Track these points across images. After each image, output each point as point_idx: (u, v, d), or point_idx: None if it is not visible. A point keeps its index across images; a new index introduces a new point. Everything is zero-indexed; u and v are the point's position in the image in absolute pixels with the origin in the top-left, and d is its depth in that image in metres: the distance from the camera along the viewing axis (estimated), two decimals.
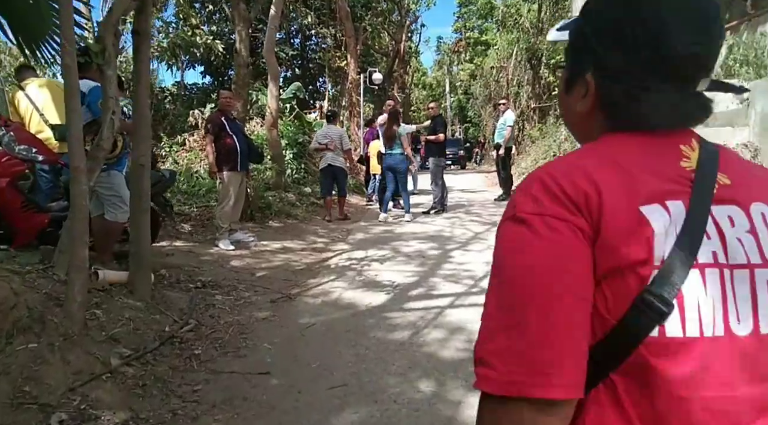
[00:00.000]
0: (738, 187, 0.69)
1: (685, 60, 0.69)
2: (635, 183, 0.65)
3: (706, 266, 0.63)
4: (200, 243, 6.20)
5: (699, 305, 0.62)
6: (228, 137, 5.92)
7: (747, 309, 0.64)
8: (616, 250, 0.62)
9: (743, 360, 0.63)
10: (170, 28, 13.59)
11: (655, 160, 0.68)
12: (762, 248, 0.66)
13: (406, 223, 8.35)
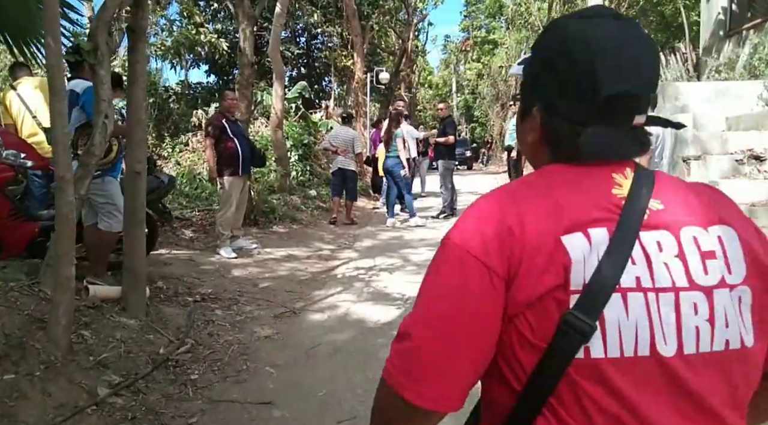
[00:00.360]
0: (670, 212, 0.72)
1: (617, 100, 0.73)
2: (563, 213, 0.69)
3: (629, 290, 0.67)
4: (201, 251, 5.94)
5: (620, 327, 0.66)
6: (229, 141, 5.65)
7: (672, 331, 0.67)
8: (537, 279, 0.66)
9: (668, 378, 0.67)
10: (174, 27, 13.36)
11: (587, 190, 0.73)
12: (689, 272, 0.69)
13: (414, 228, 8.07)
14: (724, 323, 0.69)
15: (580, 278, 0.66)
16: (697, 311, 0.68)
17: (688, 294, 0.68)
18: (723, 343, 0.69)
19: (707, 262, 0.70)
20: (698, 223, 0.72)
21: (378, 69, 18.40)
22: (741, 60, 7.95)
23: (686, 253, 0.70)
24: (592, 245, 0.67)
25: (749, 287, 0.71)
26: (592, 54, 0.73)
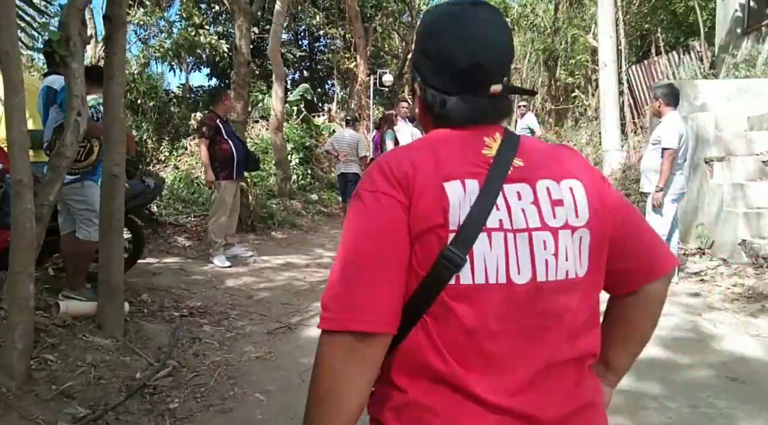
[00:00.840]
0: (529, 168, 0.87)
1: (471, 71, 0.87)
2: (443, 165, 0.83)
3: (493, 230, 0.81)
4: (194, 259, 5.60)
5: (485, 260, 0.80)
6: (223, 142, 5.32)
7: (527, 263, 0.82)
8: (423, 217, 0.79)
9: (520, 301, 0.81)
10: (173, 28, 13.08)
11: (462, 148, 0.87)
12: (542, 216, 0.84)
13: None
14: (564, 256, 0.84)
15: (456, 219, 0.79)
16: (546, 247, 0.83)
17: (539, 233, 0.83)
18: (564, 273, 0.83)
19: (556, 208, 0.84)
20: (552, 177, 0.87)
21: (381, 71, 18.07)
22: (762, 57, 7.59)
23: (540, 201, 0.84)
24: (466, 192, 0.81)
25: (589, 230, 0.86)
26: (448, 33, 0.88)
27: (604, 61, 9.48)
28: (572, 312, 0.84)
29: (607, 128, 9.49)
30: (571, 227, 0.84)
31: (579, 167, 0.90)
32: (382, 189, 0.81)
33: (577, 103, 14.47)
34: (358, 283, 0.78)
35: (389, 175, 0.82)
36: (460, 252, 0.78)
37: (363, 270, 0.78)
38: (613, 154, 9.42)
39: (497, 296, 0.80)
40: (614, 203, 0.91)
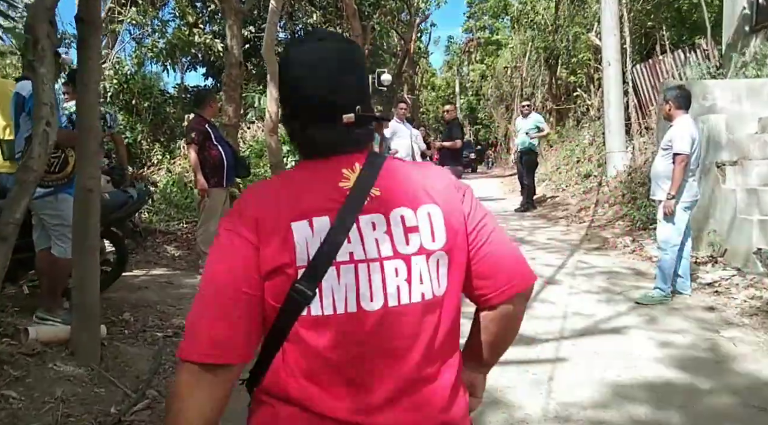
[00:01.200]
0: (385, 198, 0.92)
1: (320, 105, 0.93)
2: (295, 204, 0.88)
3: (342, 263, 0.87)
4: (183, 271, 5.36)
5: (333, 292, 0.86)
6: (213, 148, 5.07)
7: (379, 291, 0.88)
8: (270, 257, 0.85)
9: (374, 326, 0.87)
10: (167, 28, 12.81)
11: (320, 183, 0.91)
12: (395, 244, 0.89)
13: None
14: (419, 280, 0.90)
15: (305, 256, 0.86)
16: (398, 274, 0.90)
17: (391, 262, 0.89)
18: (420, 296, 0.90)
19: (410, 235, 0.91)
20: (408, 205, 0.92)
21: (380, 70, 17.84)
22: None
23: (393, 230, 0.90)
24: (314, 231, 0.87)
25: (446, 252, 0.93)
26: (296, 70, 0.94)
27: (607, 59, 9.25)
28: (432, 330, 0.91)
29: (611, 128, 9.26)
30: (426, 251, 0.91)
31: (440, 190, 0.96)
32: (236, 229, 0.88)
33: (579, 102, 14.23)
34: (206, 317, 0.85)
35: (244, 215, 0.89)
36: (309, 287, 0.85)
37: (211, 306, 0.85)
38: (617, 156, 9.18)
39: (349, 323, 0.86)
40: (475, 223, 0.97)
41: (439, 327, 0.92)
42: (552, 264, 5.80)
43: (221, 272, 0.86)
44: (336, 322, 0.86)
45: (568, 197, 10.02)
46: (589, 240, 7.00)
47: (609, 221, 7.71)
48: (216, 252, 0.88)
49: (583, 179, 10.56)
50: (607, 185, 9.07)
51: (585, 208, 8.74)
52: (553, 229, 7.95)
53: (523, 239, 7.20)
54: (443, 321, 0.92)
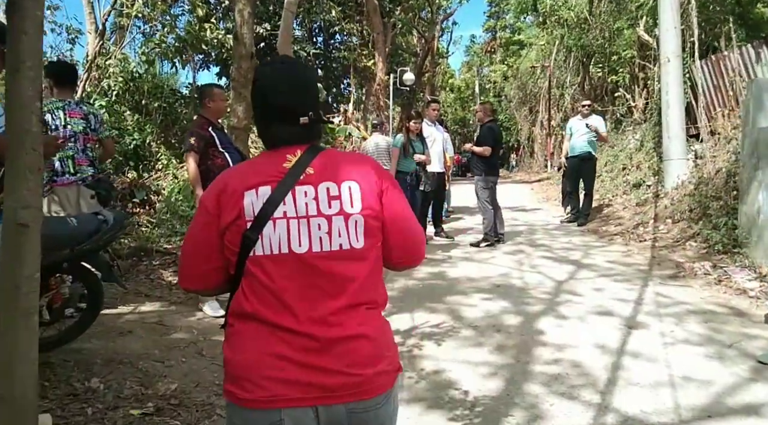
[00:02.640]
0: (317, 175, 1.29)
1: (281, 108, 1.33)
2: (249, 178, 1.28)
3: (277, 218, 1.25)
4: (179, 305, 4.41)
5: (270, 238, 1.24)
6: (217, 156, 4.12)
7: (305, 239, 1.25)
8: (229, 213, 1.25)
9: (301, 264, 1.24)
10: (176, 22, 11.94)
11: (268, 164, 1.31)
12: (319, 207, 1.26)
13: (459, 262, 6.44)
14: (337, 234, 1.26)
15: (251, 213, 1.25)
16: (320, 228, 1.26)
17: (316, 219, 1.26)
18: (338, 245, 1.26)
19: (332, 201, 1.27)
20: (334, 180, 1.29)
21: (402, 69, 16.89)
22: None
23: (319, 197, 1.27)
24: (258, 196, 1.25)
25: (362, 216, 1.28)
26: (264, 83, 1.36)
27: (666, 55, 8.16)
28: (347, 272, 1.27)
29: (670, 133, 8.17)
30: (345, 213, 1.27)
31: (363, 172, 1.32)
32: (204, 201, 1.31)
33: (618, 103, 13.11)
34: (184, 263, 1.38)
35: (211, 191, 1.31)
36: (253, 234, 1.24)
37: (187, 255, 1.36)
38: (678, 164, 8.09)
39: (282, 261, 1.24)
40: (389, 202, 1.34)
41: (359, 274, 1.28)
42: (625, 299, 4.76)
43: (193, 231, 1.35)
44: (272, 260, 1.24)
45: (619, 210, 8.93)
46: (659, 265, 5.94)
47: (676, 241, 6.64)
48: (195, 217, 1.35)
49: (633, 188, 9.47)
50: (666, 197, 7.99)
51: (642, 223, 7.66)
52: (610, 249, 6.88)
53: (580, 263, 6.16)
54: (362, 269, 1.29)
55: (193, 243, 1.34)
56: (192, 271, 1.35)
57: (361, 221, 1.27)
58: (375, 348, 1.28)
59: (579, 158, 8.52)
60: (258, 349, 1.22)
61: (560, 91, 20.15)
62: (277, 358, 1.21)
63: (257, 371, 1.21)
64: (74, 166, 3.95)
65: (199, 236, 1.32)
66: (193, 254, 1.34)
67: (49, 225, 2.95)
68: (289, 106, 1.32)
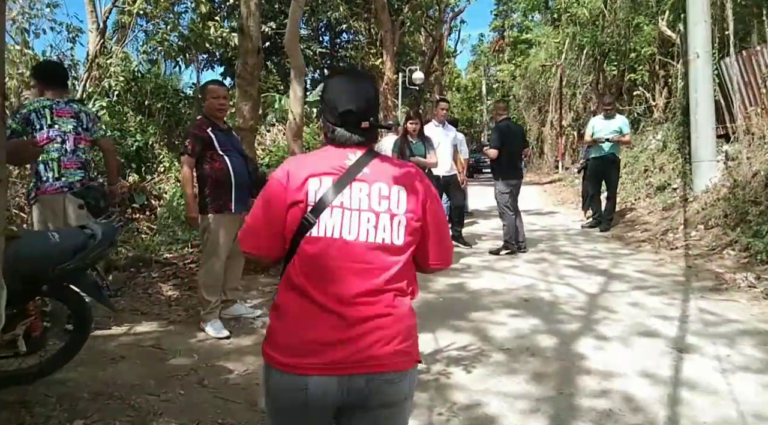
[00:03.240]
0: (371, 175, 1.48)
1: (346, 115, 1.51)
2: (315, 167, 1.47)
3: (334, 207, 1.42)
4: (180, 325, 4.01)
5: (326, 223, 1.42)
6: (216, 161, 3.72)
7: (355, 228, 1.42)
8: (294, 195, 1.43)
9: (349, 250, 1.41)
10: (179, 19, 11.56)
11: (332, 159, 1.50)
12: (371, 203, 1.45)
13: (481, 271, 6.03)
14: (382, 230, 1.44)
15: (313, 199, 1.43)
16: (369, 221, 1.44)
17: (366, 213, 1.44)
18: (381, 239, 1.44)
19: (382, 200, 1.46)
20: (386, 182, 1.48)
21: (411, 68, 16.48)
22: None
23: (371, 194, 1.46)
24: (321, 185, 1.44)
25: (405, 217, 1.47)
26: (335, 91, 1.56)
27: (695, 50, 7.72)
28: (384, 263, 1.44)
29: (699, 133, 7.73)
30: (392, 213, 1.46)
31: (411, 181, 1.52)
32: (276, 177, 1.48)
33: (636, 102, 12.65)
34: (251, 228, 1.51)
35: (282, 169, 1.50)
36: (312, 217, 1.42)
37: (254, 222, 1.51)
38: (707, 166, 7.64)
39: (333, 245, 1.42)
40: (431, 212, 1.54)
41: (394, 265, 1.45)
42: (667, 316, 4.33)
43: (263, 201, 1.49)
44: (324, 242, 1.42)
45: (644, 214, 8.48)
46: (696, 275, 5.50)
47: (712, 250, 6.19)
48: (266, 191, 1.49)
49: (657, 191, 9.03)
50: (695, 201, 7.54)
51: (671, 229, 7.22)
52: (639, 257, 6.44)
53: (609, 273, 5.73)
54: (397, 262, 1.46)
55: (264, 207, 1.48)
56: (256, 234, 1.51)
57: (404, 221, 1.47)
58: (397, 328, 1.45)
59: (603, 159, 8.07)
60: (297, 320, 1.42)
61: (572, 91, 19.66)
62: (312, 331, 1.40)
63: (293, 340, 1.41)
64: (59, 169, 3.57)
65: (270, 203, 1.47)
66: (261, 217, 1.49)
67: (26, 241, 2.55)
68: (354, 112, 1.51)
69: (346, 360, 1.37)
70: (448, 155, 7.22)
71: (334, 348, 1.37)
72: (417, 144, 6.43)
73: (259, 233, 1.49)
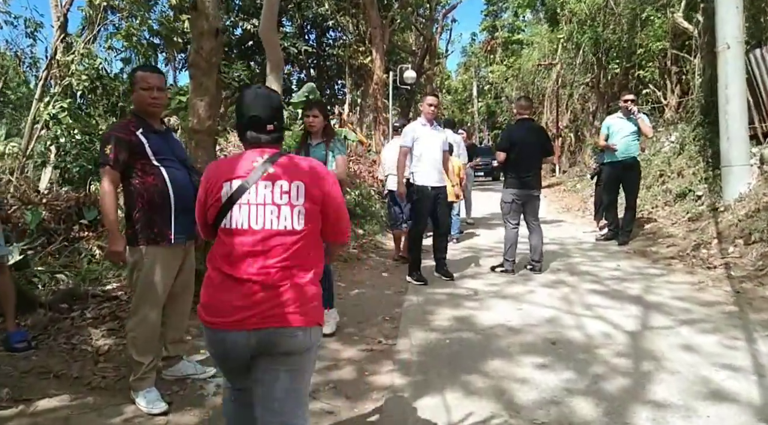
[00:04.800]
0: (276, 174, 1.86)
1: (253, 119, 1.92)
2: (229, 171, 1.88)
3: (242, 203, 1.83)
4: (101, 392, 3.00)
5: (234, 216, 1.84)
6: (149, 173, 2.74)
7: (261, 219, 1.83)
8: (210, 196, 1.89)
9: (257, 237, 1.82)
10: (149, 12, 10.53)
11: (244, 161, 1.89)
12: (273, 198, 1.83)
13: (488, 298, 5.07)
14: (284, 219, 1.83)
15: (226, 198, 1.84)
16: (272, 213, 1.83)
17: (269, 206, 1.83)
18: (283, 227, 1.83)
19: (283, 195, 1.85)
20: (287, 179, 1.86)
21: (403, 66, 15.52)
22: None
23: (274, 191, 1.85)
24: (232, 186, 1.84)
25: (303, 207, 1.86)
26: (244, 103, 1.95)
27: (725, 41, 6.85)
28: (288, 245, 1.83)
29: (730, 134, 6.85)
30: (292, 204, 1.85)
31: (310, 174, 1.90)
32: (201, 182, 1.96)
33: (644, 101, 11.80)
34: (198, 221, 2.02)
35: (206, 175, 1.95)
36: (224, 212, 1.84)
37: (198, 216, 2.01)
38: (740, 171, 6.76)
39: (242, 233, 1.83)
40: (329, 198, 1.92)
41: (295, 246, 1.84)
42: (735, 366, 3.40)
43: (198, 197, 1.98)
44: (236, 232, 1.83)
45: (667, 225, 7.58)
46: (750, 304, 4.58)
47: (759, 270, 5.28)
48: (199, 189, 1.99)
49: (678, 199, 8.15)
50: (727, 211, 6.65)
51: (704, 244, 6.31)
52: (673, 279, 5.52)
53: (644, 301, 4.79)
54: (299, 243, 1.85)
55: (198, 206, 1.98)
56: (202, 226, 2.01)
57: (303, 211, 1.86)
58: (296, 295, 1.82)
59: (622, 164, 7.15)
60: (217, 289, 1.84)
61: (568, 91, 18.83)
62: (226, 296, 1.81)
63: (214, 303, 1.83)
64: None
65: (199, 204, 1.96)
66: (199, 214, 1.98)
67: None
68: (259, 117, 1.92)
69: (254, 317, 1.78)
70: (435, 161, 5.79)
71: (244, 309, 1.78)
72: (317, 146, 4.28)
73: (202, 226, 2.01)
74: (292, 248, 1.82)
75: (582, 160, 16.64)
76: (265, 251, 1.80)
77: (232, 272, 1.79)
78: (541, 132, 6.20)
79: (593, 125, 17.15)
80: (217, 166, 1.96)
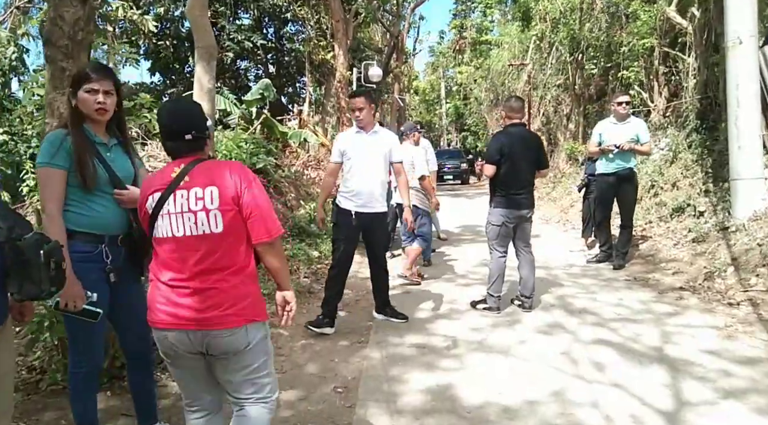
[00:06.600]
0: (190, 182, 1.95)
1: (167, 129, 2.05)
2: (150, 185, 2.02)
3: (163, 214, 1.96)
4: None
5: (160, 226, 1.97)
6: None
7: (181, 226, 1.94)
8: (140, 210, 2.05)
9: (180, 243, 1.94)
10: None
11: (164, 174, 2.00)
12: (190, 205, 1.93)
13: (469, 353, 3.96)
14: (201, 224, 1.92)
15: (150, 209, 1.98)
16: (190, 220, 1.93)
17: (187, 214, 1.93)
18: (202, 231, 1.93)
19: (198, 201, 1.92)
20: (201, 185, 1.94)
21: (368, 63, 14.41)
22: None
23: (190, 198, 1.93)
24: (154, 198, 1.97)
25: (219, 211, 1.93)
26: (160, 115, 2.10)
27: (737, 35, 5.94)
28: (209, 249, 1.93)
29: (741, 142, 5.95)
30: (206, 209, 1.92)
31: (224, 177, 1.95)
32: None
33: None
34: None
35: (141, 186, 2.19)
36: (152, 223, 1.97)
37: None
38: (754, 185, 5.86)
39: (169, 241, 1.94)
40: (247, 199, 1.95)
41: (217, 249, 1.94)
42: None
43: None
44: (162, 241, 1.96)
45: (668, 246, 6.63)
46: None
47: None
48: None
49: (674, 214, 7.24)
50: (740, 231, 5.74)
51: (717, 271, 5.36)
52: (693, 322, 4.51)
53: (669, 359, 3.76)
54: (221, 246, 1.94)
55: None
56: None
57: (219, 214, 1.93)
58: (225, 297, 1.93)
59: (616, 176, 6.18)
60: (156, 293, 1.98)
61: (541, 93, 18.02)
62: (164, 299, 1.95)
63: (154, 306, 1.97)
64: None
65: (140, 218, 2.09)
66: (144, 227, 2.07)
67: None
68: (172, 128, 2.02)
69: (189, 319, 1.91)
70: (368, 179, 4.41)
71: (181, 311, 1.92)
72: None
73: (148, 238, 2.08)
74: (217, 252, 1.94)
75: (555, 165, 15.80)
76: (189, 257, 1.93)
77: (164, 279, 1.96)
78: (535, 141, 5.09)
79: (567, 129, 16.35)
80: (147, 180, 2.09)
